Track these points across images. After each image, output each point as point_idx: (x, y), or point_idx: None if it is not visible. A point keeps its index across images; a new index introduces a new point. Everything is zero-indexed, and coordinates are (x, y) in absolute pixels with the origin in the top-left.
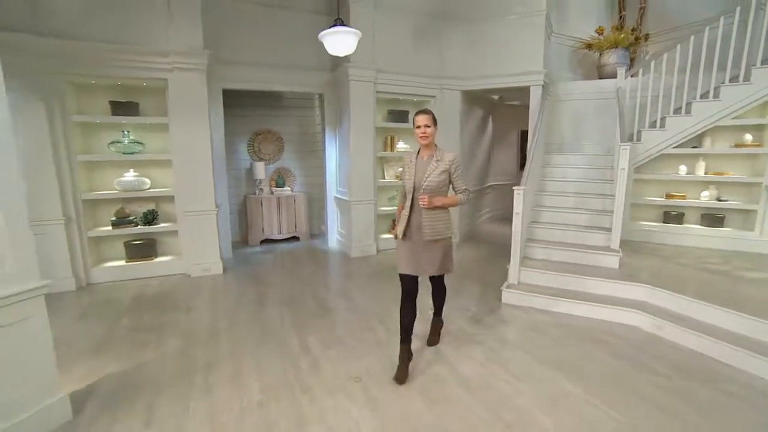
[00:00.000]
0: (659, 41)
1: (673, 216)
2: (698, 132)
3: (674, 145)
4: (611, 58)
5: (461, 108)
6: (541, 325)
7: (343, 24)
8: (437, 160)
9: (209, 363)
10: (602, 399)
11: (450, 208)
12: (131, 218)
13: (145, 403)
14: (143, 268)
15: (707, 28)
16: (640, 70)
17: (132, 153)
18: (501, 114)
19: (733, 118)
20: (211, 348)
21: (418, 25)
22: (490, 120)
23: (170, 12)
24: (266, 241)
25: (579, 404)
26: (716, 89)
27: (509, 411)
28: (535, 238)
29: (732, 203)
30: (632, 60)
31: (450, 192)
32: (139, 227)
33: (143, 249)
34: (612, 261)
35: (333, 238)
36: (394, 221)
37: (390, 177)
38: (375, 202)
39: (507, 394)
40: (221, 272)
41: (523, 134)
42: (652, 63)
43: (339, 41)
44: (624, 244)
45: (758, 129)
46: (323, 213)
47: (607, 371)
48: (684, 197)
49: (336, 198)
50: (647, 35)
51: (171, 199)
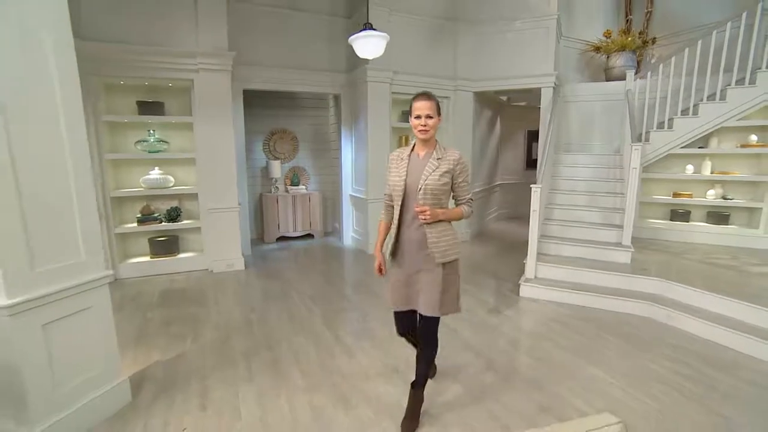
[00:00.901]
0: (665, 44)
1: (680, 214)
2: (705, 133)
3: (681, 146)
4: (618, 61)
5: (474, 108)
6: (560, 317)
7: (372, 28)
8: (438, 159)
9: (248, 352)
10: (627, 383)
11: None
12: (156, 215)
13: (197, 388)
14: (167, 264)
15: (715, 32)
16: (649, 73)
17: (157, 151)
18: (508, 114)
19: (739, 120)
20: (247, 338)
21: (433, 28)
22: (498, 120)
23: (197, 15)
24: (282, 239)
25: (606, 387)
26: (722, 91)
27: (541, 394)
28: (549, 235)
29: (737, 202)
30: (639, 63)
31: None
32: (163, 224)
33: (167, 245)
34: (624, 256)
35: (348, 236)
36: (380, 264)
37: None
38: None
39: (536, 379)
40: (243, 268)
41: (530, 134)
42: (661, 66)
43: (369, 45)
44: (633, 241)
45: (763, 130)
46: (336, 211)
47: (627, 358)
48: (690, 196)
49: (352, 196)
50: (654, 39)
51: (193, 197)
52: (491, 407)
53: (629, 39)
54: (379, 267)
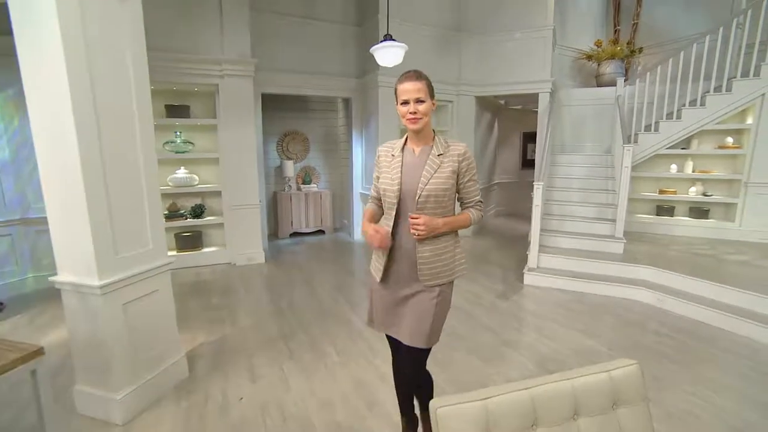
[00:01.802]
0: (650, 53)
1: (665, 209)
2: (687, 135)
3: (666, 147)
4: (608, 68)
5: (475, 111)
6: (562, 301)
7: (393, 39)
8: (439, 155)
9: (284, 334)
10: (619, 352)
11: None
12: (181, 212)
13: (245, 365)
14: (191, 258)
15: (695, 44)
16: (637, 80)
17: (183, 152)
18: (505, 117)
19: (717, 123)
20: (281, 322)
21: (440, 38)
22: (496, 122)
23: (222, 24)
24: (294, 234)
25: (605, 357)
26: (702, 97)
27: (552, 364)
28: (548, 228)
29: (716, 198)
30: (627, 70)
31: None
32: (189, 220)
33: (191, 240)
34: (617, 247)
35: (357, 231)
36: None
37: None
38: None
39: (546, 352)
40: (263, 261)
41: (525, 136)
42: (648, 74)
43: (389, 54)
44: (624, 234)
45: (738, 133)
46: (345, 208)
47: (622, 334)
48: (674, 192)
49: (362, 194)
50: (641, 48)
51: (216, 194)
52: (512, 374)
53: (618, 48)
54: (381, 241)
